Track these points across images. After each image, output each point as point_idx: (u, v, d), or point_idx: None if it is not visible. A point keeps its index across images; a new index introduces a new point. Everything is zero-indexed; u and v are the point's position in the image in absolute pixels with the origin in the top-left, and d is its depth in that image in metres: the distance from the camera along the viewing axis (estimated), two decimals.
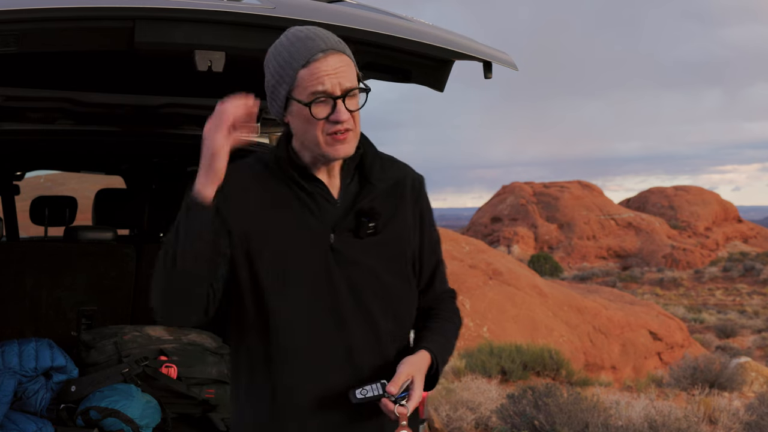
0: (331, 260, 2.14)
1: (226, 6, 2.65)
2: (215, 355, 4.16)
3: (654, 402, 9.32)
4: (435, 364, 2.19)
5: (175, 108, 3.87)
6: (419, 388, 2.12)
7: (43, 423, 3.66)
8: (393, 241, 2.21)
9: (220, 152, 2.16)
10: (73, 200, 6.62)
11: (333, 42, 2.11)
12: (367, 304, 2.17)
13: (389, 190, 2.23)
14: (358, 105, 2.14)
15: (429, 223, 2.31)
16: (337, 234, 2.15)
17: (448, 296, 2.38)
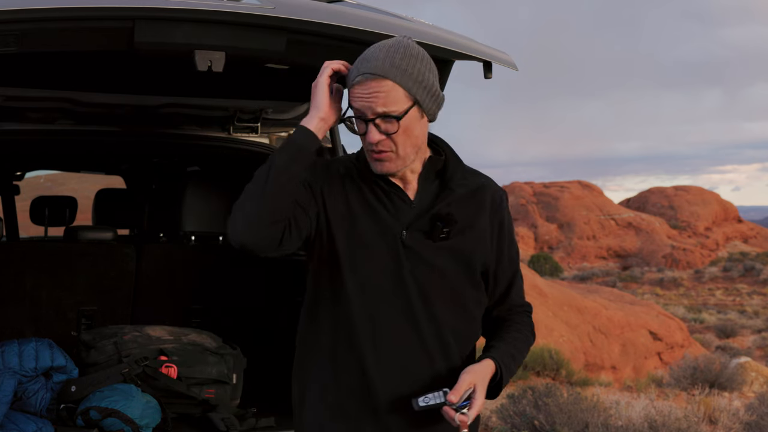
0: (402, 255, 2.25)
1: (226, 6, 2.65)
2: (215, 355, 4.16)
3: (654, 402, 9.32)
4: (499, 373, 2.25)
5: (175, 108, 3.87)
6: (480, 397, 2.18)
7: (43, 423, 3.66)
8: (465, 248, 2.28)
9: (321, 87, 2.32)
10: (73, 200, 6.62)
11: (379, 66, 2.19)
12: (433, 304, 2.26)
13: (468, 198, 2.32)
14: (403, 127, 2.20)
15: (508, 236, 2.37)
16: (410, 232, 2.26)
17: (524, 310, 2.44)
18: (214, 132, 4.10)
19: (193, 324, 4.69)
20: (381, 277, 2.26)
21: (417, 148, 2.26)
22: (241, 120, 3.99)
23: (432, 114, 2.26)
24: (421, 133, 2.25)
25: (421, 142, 2.27)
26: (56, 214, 6.39)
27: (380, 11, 3.06)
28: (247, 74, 3.49)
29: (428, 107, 2.23)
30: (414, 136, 2.23)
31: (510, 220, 2.41)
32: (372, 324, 2.25)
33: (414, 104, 2.20)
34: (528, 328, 2.41)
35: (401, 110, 2.19)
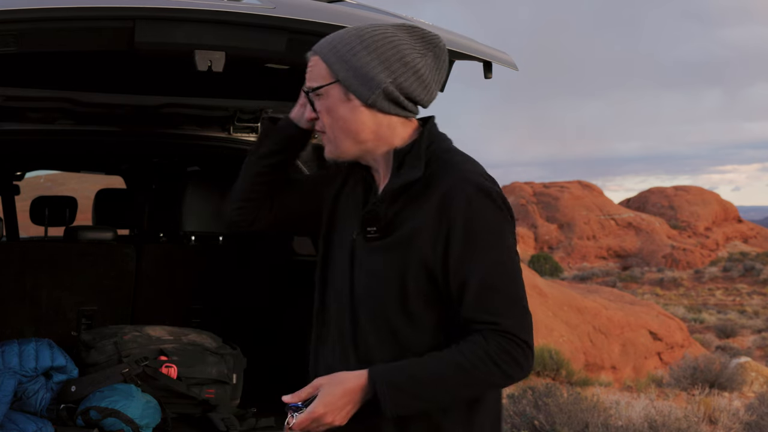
0: (349, 257, 2.17)
1: (226, 6, 2.65)
2: (215, 355, 4.16)
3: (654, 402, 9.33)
4: (372, 388, 2.01)
5: (175, 108, 3.87)
6: (318, 401, 2.04)
7: (43, 423, 3.66)
8: (398, 248, 2.06)
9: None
10: (73, 200, 6.62)
11: (318, 43, 2.16)
12: (357, 310, 2.13)
13: (417, 193, 2.07)
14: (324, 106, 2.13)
15: (460, 235, 2.01)
16: (358, 233, 2.15)
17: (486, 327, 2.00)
18: (214, 132, 4.10)
19: (193, 324, 4.69)
20: (337, 279, 2.22)
21: (349, 133, 2.11)
22: (241, 120, 3.99)
23: (365, 99, 2.07)
24: (351, 117, 2.09)
25: (356, 128, 2.10)
26: (56, 214, 6.39)
27: (380, 11, 3.06)
28: (247, 74, 3.49)
29: (356, 90, 2.07)
30: (339, 118, 2.10)
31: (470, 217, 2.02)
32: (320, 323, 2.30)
33: (334, 82, 2.09)
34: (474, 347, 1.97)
35: (316, 85, 2.12)
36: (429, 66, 2.10)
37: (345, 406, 2.04)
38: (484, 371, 1.98)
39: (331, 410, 2.03)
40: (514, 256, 2.07)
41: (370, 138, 2.13)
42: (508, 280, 2.04)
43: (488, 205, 2.04)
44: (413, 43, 2.09)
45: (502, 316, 2.00)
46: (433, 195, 2.04)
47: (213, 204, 4.71)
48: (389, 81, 2.06)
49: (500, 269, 2.03)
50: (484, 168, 2.15)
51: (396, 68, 2.06)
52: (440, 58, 2.13)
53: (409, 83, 2.08)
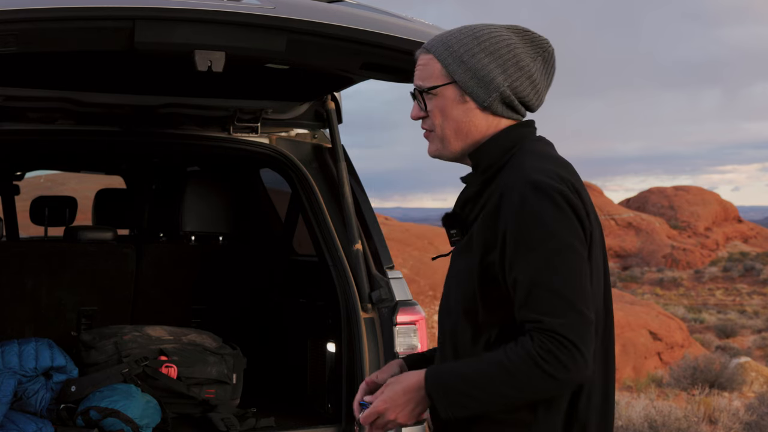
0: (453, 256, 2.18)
1: (226, 6, 2.65)
2: (215, 355, 4.16)
3: (654, 402, 9.33)
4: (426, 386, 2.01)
5: (175, 108, 3.87)
6: (379, 397, 2.05)
7: (43, 423, 3.66)
8: (470, 250, 2.06)
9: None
10: (73, 200, 6.62)
11: (430, 41, 2.12)
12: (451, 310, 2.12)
13: (486, 198, 2.07)
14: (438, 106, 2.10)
15: (512, 236, 1.96)
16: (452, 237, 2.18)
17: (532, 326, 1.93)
18: (214, 132, 4.10)
19: (193, 324, 4.69)
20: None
21: (460, 134, 2.09)
22: (241, 120, 3.99)
23: (481, 101, 2.06)
24: (464, 119, 2.08)
25: (468, 129, 2.08)
26: (56, 214, 6.39)
27: (380, 11, 3.06)
28: (247, 74, 3.49)
29: (474, 92, 2.06)
30: (453, 119, 2.08)
31: (523, 214, 1.96)
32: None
33: (450, 83, 2.08)
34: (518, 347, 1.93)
35: (430, 85, 2.09)
36: (539, 70, 2.11)
37: (407, 404, 2.03)
38: (526, 371, 1.92)
39: (392, 407, 2.03)
40: (571, 255, 1.96)
41: (480, 140, 2.11)
42: (559, 279, 1.94)
43: (543, 201, 1.96)
44: (525, 47, 2.09)
45: (548, 314, 1.92)
46: (494, 196, 2.02)
47: (213, 204, 4.71)
48: (506, 84, 2.06)
49: (551, 267, 1.94)
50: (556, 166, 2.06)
51: (512, 72, 2.07)
52: (549, 62, 2.14)
53: (524, 87, 2.08)
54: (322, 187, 4.01)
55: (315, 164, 4.08)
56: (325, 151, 4.10)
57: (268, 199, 5.21)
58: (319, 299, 4.07)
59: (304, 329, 4.29)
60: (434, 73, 2.09)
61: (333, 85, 3.81)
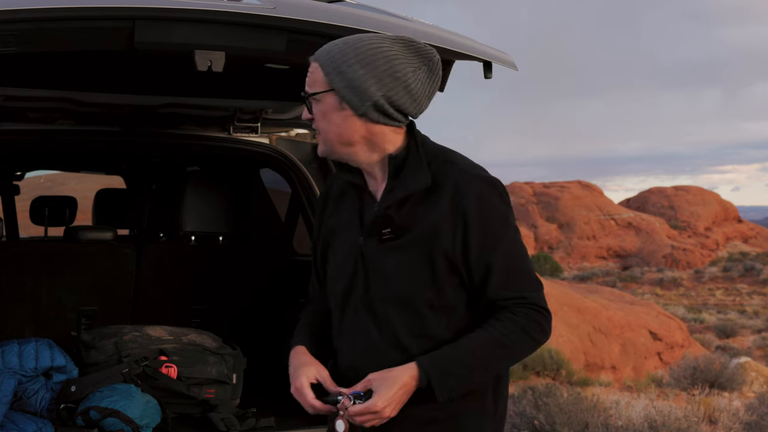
0: (356, 263, 2.30)
1: (226, 6, 2.65)
2: (215, 355, 4.16)
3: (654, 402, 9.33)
4: (425, 378, 2.18)
5: (175, 108, 3.87)
6: (377, 397, 2.17)
7: (43, 423, 3.66)
8: (414, 246, 2.23)
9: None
10: (73, 200, 6.62)
11: (318, 50, 2.30)
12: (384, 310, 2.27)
13: (423, 194, 2.25)
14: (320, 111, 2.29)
15: (477, 225, 2.21)
16: (366, 237, 2.30)
17: (513, 302, 2.24)
18: (214, 132, 4.10)
19: (193, 324, 4.69)
20: (340, 286, 2.36)
21: (342, 138, 2.27)
22: (241, 120, 3.99)
23: (356, 109, 2.23)
24: (344, 124, 2.26)
25: (349, 134, 2.26)
26: (56, 214, 6.39)
27: (380, 11, 3.06)
28: (247, 74, 3.49)
29: (350, 101, 2.22)
30: (333, 124, 2.27)
31: (483, 208, 2.22)
32: (338, 331, 2.40)
33: (329, 91, 2.25)
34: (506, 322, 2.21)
35: (313, 91, 2.28)
36: (421, 80, 2.24)
37: (401, 400, 2.19)
38: (519, 342, 2.23)
39: (389, 404, 2.18)
40: (520, 237, 2.30)
41: (361, 143, 2.28)
42: (524, 260, 2.29)
43: (495, 195, 2.26)
44: (408, 57, 2.22)
45: (527, 290, 2.25)
46: (444, 193, 2.23)
47: (213, 204, 4.71)
48: (380, 95, 2.21)
49: (516, 251, 2.26)
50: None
51: (387, 82, 2.20)
52: (434, 72, 2.26)
53: (399, 96, 2.22)
54: (322, 187, 4.01)
55: (315, 164, 4.08)
56: None
57: (268, 199, 5.21)
58: None
59: None
60: (318, 80, 2.26)
61: None
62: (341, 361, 2.37)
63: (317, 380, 2.30)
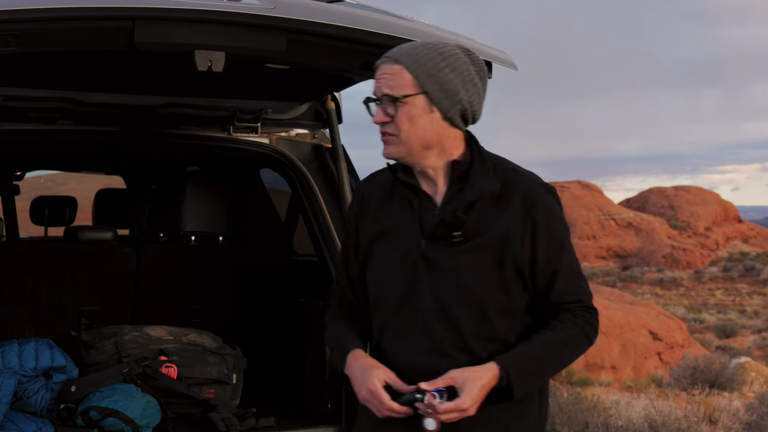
0: (419, 265, 2.30)
1: (226, 6, 2.65)
2: (215, 355, 4.16)
3: (654, 402, 9.33)
4: (505, 377, 2.23)
5: (175, 108, 3.87)
6: (465, 395, 2.19)
7: (43, 423, 3.66)
8: (484, 249, 2.28)
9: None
10: (73, 200, 6.62)
11: (395, 52, 2.30)
12: (450, 311, 2.29)
13: (493, 199, 2.31)
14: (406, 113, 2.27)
15: (545, 233, 2.32)
16: (429, 240, 2.30)
17: (574, 306, 2.35)
18: (214, 132, 4.10)
19: (193, 324, 4.69)
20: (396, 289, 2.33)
21: (424, 141, 2.29)
22: (241, 120, 3.99)
23: (446, 112, 2.28)
24: (429, 127, 2.28)
25: (431, 137, 2.29)
26: (56, 214, 6.39)
27: (380, 11, 3.06)
28: (247, 74, 3.48)
29: (441, 104, 2.26)
30: (419, 126, 2.27)
31: (549, 217, 2.34)
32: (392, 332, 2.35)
33: (420, 93, 2.26)
34: (570, 324, 2.32)
35: (401, 94, 2.26)
36: (481, 87, 2.34)
37: (482, 398, 2.23)
38: (580, 343, 2.34)
39: (474, 403, 2.21)
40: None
41: (437, 147, 2.32)
42: (579, 265, 2.41)
43: (557, 203, 2.39)
44: (472, 65, 2.31)
45: (581, 294, 2.37)
46: (514, 201, 2.31)
47: (213, 204, 4.71)
48: (465, 99, 2.29)
49: (574, 257, 2.39)
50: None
51: (469, 88, 2.29)
52: (485, 81, 2.36)
53: (476, 102, 2.32)
54: (322, 187, 4.01)
55: (315, 164, 4.08)
56: (325, 151, 4.10)
57: (268, 199, 5.21)
58: (320, 299, 4.07)
59: (304, 329, 4.29)
60: (405, 83, 2.26)
61: (333, 85, 3.81)
62: (400, 363, 2.32)
63: (386, 382, 2.28)
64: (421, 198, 2.34)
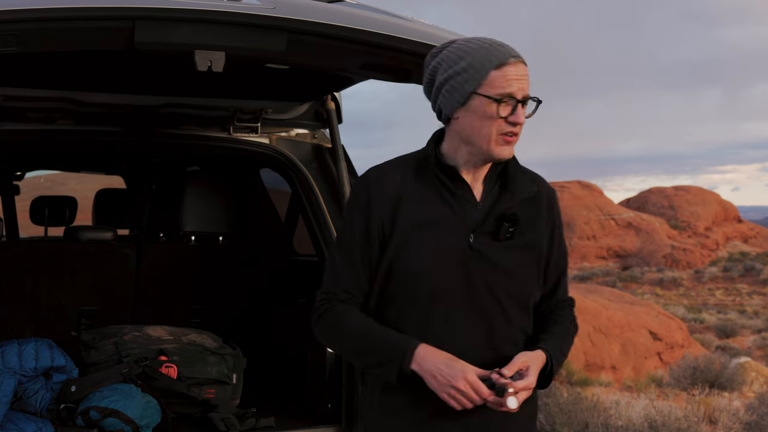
0: (468, 258, 2.29)
1: (226, 6, 2.65)
2: (215, 355, 4.16)
3: (654, 402, 9.33)
4: (549, 363, 2.33)
5: (175, 108, 3.87)
6: (533, 375, 2.26)
7: (43, 423, 3.66)
8: (528, 247, 2.37)
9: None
10: (73, 200, 6.62)
11: (520, 53, 2.30)
12: (503, 305, 2.33)
13: (528, 200, 2.38)
14: (527, 114, 2.32)
15: (559, 236, 2.47)
16: (477, 235, 2.31)
17: (568, 304, 2.53)
18: (214, 132, 4.10)
19: (194, 324, 4.69)
20: (450, 282, 2.30)
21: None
22: (241, 120, 3.99)
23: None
24: None
25: None
26: (56, 214, 6.39)
27: (380, 11, 3.06)
28: (247, 74, 3.48)
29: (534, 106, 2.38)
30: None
31: (561, 221, 2.51)
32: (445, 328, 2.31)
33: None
34: (570, 320, 2.50)
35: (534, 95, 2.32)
36: None
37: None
38: (574, 334, 2.51)
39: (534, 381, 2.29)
40: None
41: None
42: None
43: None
44: None
45: (568, 293, 2.55)
46: (542, 202, 2.41)
47: (213, 204, 4.71)
48: None
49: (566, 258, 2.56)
50: None
51: None
52: None
53: None
54: (322, 187, 4.01)
55: (315, 164, 4.08)
56: (325, 151, 4.10)
57: (268, 199, 5.21)
58: None
59: (304, 329, 4.29)
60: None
61: (333, 85, 3.81)
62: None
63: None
64: (461, 192, 2.33)
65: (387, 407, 2.37)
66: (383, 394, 2.38)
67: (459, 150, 2.33)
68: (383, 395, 2.38)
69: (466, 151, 2.32)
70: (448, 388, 2.21)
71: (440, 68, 2.31)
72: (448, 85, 2.28)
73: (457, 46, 2.30)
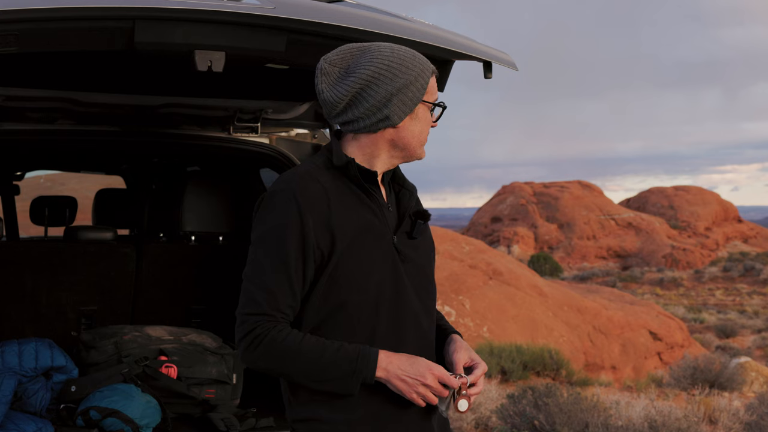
0: (399, 260, 2.33)
1: (226, 6, 2.65)
2: (215, 355, 4.16)
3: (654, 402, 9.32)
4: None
5: (175, 108, 3.87)
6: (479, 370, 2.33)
7: (43, 423, 3.66)
8: (429, 243, 2.46)
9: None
10: (73, 200, 6.62)
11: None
12: (425, 300, 2.39)
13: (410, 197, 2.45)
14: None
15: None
16: (398, 236, 2.35)
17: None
18: (214, 132, 4.10)
19: (193, 324, 4.69)
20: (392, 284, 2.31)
21: None
22: (241, 120, 3.99)
23: None
24: None
25: None
26: (56, 214, 6.39)
27: (380, 11, 3.06)
28: (247, 74, 3.49)
29: None
30: None
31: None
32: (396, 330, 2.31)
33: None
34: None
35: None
36: None
37: None
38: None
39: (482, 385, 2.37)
40: None
41: None
42: None
43: None
44: None
45: None
46: (416, 197, 2.48)
47: (213, 204, 4.71)
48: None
49: None
50: None
51: None
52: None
53: None
54: None
55: None
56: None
57: None
58: None
59: None
60: None
61: None
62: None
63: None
64: (376, 196, 2.34)
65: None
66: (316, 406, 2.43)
67: (379, 156, 2.33)
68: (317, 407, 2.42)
69: (390, 156, 2.35)
70: (417, 386, 2.21)
71: (382, 78, 2.24)
72: (401, 95, 2.26)
73: (390, 54, 2.26)
